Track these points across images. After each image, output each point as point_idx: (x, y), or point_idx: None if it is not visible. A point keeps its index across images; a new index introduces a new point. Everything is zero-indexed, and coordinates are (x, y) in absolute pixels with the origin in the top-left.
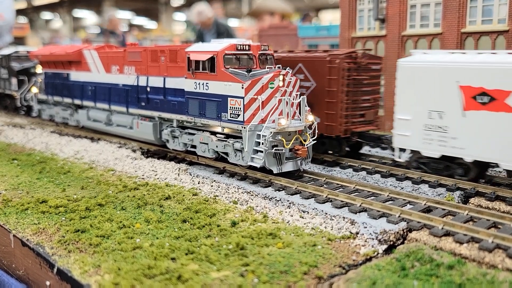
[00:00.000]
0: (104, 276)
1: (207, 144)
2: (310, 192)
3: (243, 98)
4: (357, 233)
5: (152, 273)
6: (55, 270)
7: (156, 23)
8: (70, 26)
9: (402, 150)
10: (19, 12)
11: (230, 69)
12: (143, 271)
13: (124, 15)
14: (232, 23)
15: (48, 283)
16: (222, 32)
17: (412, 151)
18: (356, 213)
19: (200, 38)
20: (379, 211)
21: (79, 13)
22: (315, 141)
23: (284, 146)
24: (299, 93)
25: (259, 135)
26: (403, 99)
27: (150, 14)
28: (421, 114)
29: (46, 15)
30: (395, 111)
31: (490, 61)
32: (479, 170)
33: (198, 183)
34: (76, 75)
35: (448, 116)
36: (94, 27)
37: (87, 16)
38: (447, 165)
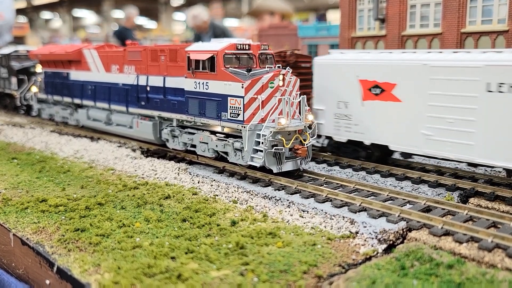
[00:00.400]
0: (104, 275)
1: (207, 143)
2: (310, 192)
3: (243, 97)
4: (357, 232)
5: (152, 272)
6: (55, 269)
7: (156, 23)
8: (70, 26)
9: (319, 136)
10: (19, 11)
11: (230, 68)
12: (143, 270)
13: (124, 15)
14: (232, 23)
15: (48, 282)
16: (219, 34)
17: (327, 137)
18: (355, 212)
19: (198, 41)
20: (378, 210)
21: (78, 12)
22: (315, 141)
23: (284, 146)
24: (299, 92)
25: (259, 134)
26: (319, 92)
27: (150, 14)
28: (332, 105)
29: (45, 14)
30: (312, 102)
31: (382, 59)
32: (381, 154)
33: (198, 182)
34: (76, 75)
35: (351, 106)
36: (113, 25)
37: (86, 16)
38: (354, 149)
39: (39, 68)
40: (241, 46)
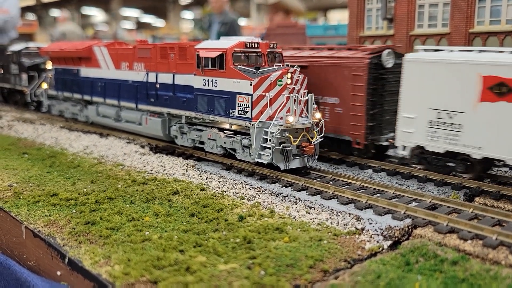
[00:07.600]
0: (114, 267)
1: (215, 140)
2: (317, 189)
3: (251, 95)
4: (363, 229)
5: (161, 264)
6: (66, 260)
7: (164, 21)
8: (79, 23)
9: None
10: (28, 8)
11: (238, 66)
12: (152, 262)
13: (132, 13)
14: (240, 21)
15: (59, 273)
16: (227, 22)
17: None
18: (362, 209)
19: (210, 25)
20: (384, 207)
21: (87, 10)
22: (322, 139)
23: (291, 143)
24: (306, 90)
25: (267, 132)
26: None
27: (158, 12)
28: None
29: (54, 12)
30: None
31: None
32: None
33: (206, 178)
34: (86, 71)
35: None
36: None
37: (95, 14)
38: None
39: (49, 65)
40: (250, 44)
